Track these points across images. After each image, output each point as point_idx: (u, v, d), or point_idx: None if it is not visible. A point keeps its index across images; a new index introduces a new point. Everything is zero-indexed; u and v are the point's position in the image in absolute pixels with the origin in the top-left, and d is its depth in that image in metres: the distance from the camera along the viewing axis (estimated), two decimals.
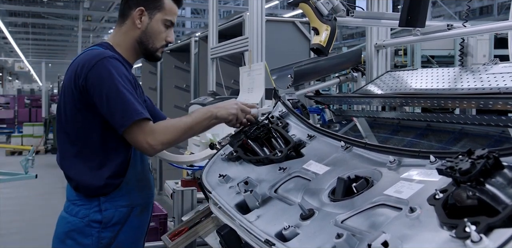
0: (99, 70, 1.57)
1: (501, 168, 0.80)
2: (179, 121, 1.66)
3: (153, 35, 1.73)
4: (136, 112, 1.54)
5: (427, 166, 1.15)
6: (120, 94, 1.55)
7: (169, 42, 1.78)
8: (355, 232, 1.03)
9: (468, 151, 0.85)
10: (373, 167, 1.32)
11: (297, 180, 1.46)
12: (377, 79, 2.23)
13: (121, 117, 1.54)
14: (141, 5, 1.72)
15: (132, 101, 1.55)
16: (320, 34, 1.84)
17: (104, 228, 1.61)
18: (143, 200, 1.74)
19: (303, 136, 1.69)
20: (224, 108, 1.67)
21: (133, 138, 1.55)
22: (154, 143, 1.55)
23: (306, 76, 2.24)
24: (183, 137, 1.64)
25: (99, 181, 1.61)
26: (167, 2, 1.75)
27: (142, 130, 1.54)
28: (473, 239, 0.69)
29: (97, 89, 1.56)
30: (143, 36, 1.73)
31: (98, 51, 1.65)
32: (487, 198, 0.76)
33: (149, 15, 1.72)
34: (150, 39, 1.73)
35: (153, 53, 1.77)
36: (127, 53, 1.75)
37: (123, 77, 1.59)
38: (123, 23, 1.75)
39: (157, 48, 1.76)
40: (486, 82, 1.63)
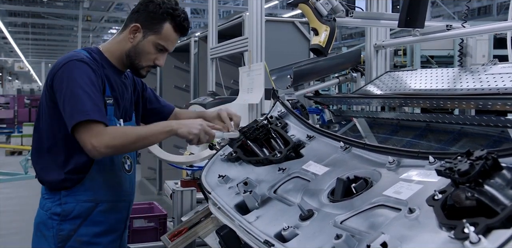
0: (63, 71, 1.61)
1: (500, 169, 0.80)
2: (133, 129, 1.67)
3: (141, 53, 1.74)
4: (84, 113, 1.54)
5: (426, 167, 1.15)
6: (74, 95, 1.57)
7: (157, 65, 1.78)
8: (354, 232, 1.03)
9: (467, 152, 0.85)
10: (372, 168, 1.32)
11: (296, 181, 1.46)
12: (376, 80, 2.24)
13: (69, 117, 1.57)
14: (139, 22, 1.73)
15: (84, 102, 1.56)
16: (319, 34, 1.84)
17: (63, 221, 1.66)
18: (112, 198, 1.75)
19: (303, 136, 1.70)
20: (187, 126, 1.63)
21: (79, 138, 1.57)
22: (97, 145, 1.53)
23: (306, 77, 2.24)
24: (134, 145, 1.62)
25: (58, 176, 1.66)
26: (167, 29, 1.73)
27: (89, 131, 1.55)
28: (471, 240, 0.69)
29: (58, 88, 1.61)
30: (131, 51, 1.74)
31: (71, 53, 1.69)
32: (486, 199, 0.77)
33: (144, 33, 1.73)
34: (137, 56, 1.74)
35: (137, 70, 1.78)
36: (116, 61, 1.77)
37: (84, 79, 1.60)
38: (122, 32, 1.78)
39: (143, 66, 1.77)
40: (485, 82, 1.63)
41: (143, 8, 1.74)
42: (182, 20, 1.74)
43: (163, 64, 1.80)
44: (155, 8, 1.72)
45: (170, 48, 1.78)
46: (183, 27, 1.76)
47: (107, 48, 1.78)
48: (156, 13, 1.71)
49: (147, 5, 1.74)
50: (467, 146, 1.61)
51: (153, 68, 1.83)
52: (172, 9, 1.72)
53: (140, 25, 1.72)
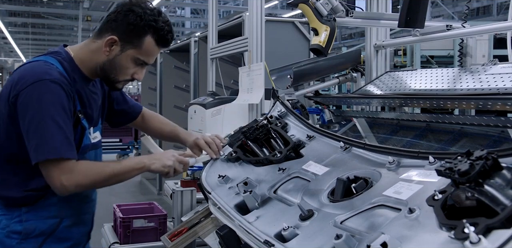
0: (31, 93, 1.44)
1: (500, 169, 0.80)
2: (105, 166, 1.54)
3: (118, 68, 1.58)
4: (54, 150, 1.42)
5: (426, 167, 1.15)
6: (43, 126, 1.42)
7: (136, 79, 1.64)
8: (354, 233, 1.03)
9: (467, 152, 0.85)
10: (373, 168, 1.32)
11: (296, 181, 1.46)
12: (376, 80, 2.24)
13: (34, 150, 1.43)
14: (117, 33, 1.55)
15: (54, 137, 1.42)
16: (319, 34, 1.84)
17: (24, 239, 1.53)
18: (75, 211, 1.64)
19: (302, 136, 1.70)
20: (160, 160, 1.56)
21: (46, 174, 1.44)
22: (68, 184, 1.43)
23: (306, 77, 2.24)
24: (104, 183, 1.52)
25: (18, 193, 1.53)
26: (148, 43, 1.56)
27: (58, 168, 1.43)
28: (471, 240, 0.69)
29: (23, 112, 1.45)
30: (106, 65, 1.58)
31: (41, 67, 1.50)
32: (486, 199, 0.77)
33: (122, 47, 1.56)
34: (113, 70, 1.59)
35: (112, 83, 1.64)
36: (88, 71, 1.61)
37: (56, 107, 1.45)
38: (95, 40, 1.59)
39: (119, 80, 1.62)
40: (485, 82, 1.63)
41: (121, 18, 1.54)
42: (165, 34, 1.57)
43: (142, 78, 1.66)
44: (135, 20, 1.53)
45: (151, 62, 1.63)
46: (166, 41, 1.60)
47: (79, 57, 1.60)
48: (136, 25, 1.53)
49: (126, 15, 1.54)
50: (467, 146, 1.61)
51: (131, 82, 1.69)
52: (154, 22, 1.54)
53: (118, 38, 1.54)
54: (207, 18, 4.06)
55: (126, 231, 2.68)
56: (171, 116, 6.34)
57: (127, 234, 2.68)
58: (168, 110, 6.40)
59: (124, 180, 1.58)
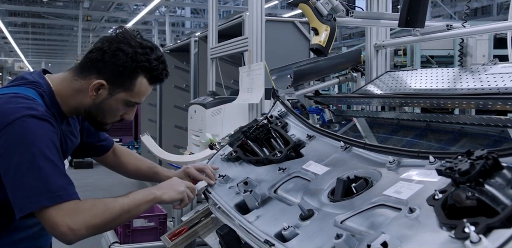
0: (16, 131, 1.23)
1: (500, 169, 0.80)
2: (113, 201, 1.30)
3: (106, 112, 1.43)
4: (52, 194, 1.20)
5: (427, 167, 1.16)
6: (34, 167, 1.21)
7: (126, 119, 1.50)
8: (354, 232, 1.04)
9: (467, 152, 0.85)
10: (373, 168, 1.32)
11: (296, 181, 1.46)
12: (376, 79, 2.24)
13: (25, 197, 1.20)
14: (104, 76, 1.37)
15: (49, 178, 1.22)
16: (319, 34, 1.84)
17: None
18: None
19: (303, 136, 1.70)
20: (171, 188, 1.41)
21: (47, 220, 1.21)
22: (77, 227, 1.20)
23: (306, 76, 2.24)
24: (116, 221, 1.30)
25: None
26: (140, 84, 1.40)
27: (62, 211, 1.20)
28: (472, 240, 0.69)
29: (7, 153, 1.22)
30: (93, 108, 1.42)
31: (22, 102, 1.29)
32: (486, 199, 0.77)
33: (110, 90, 1.39)
34: (101, 113, 1.43)
35: (99, 125, 1.48)
36: (67, 109, 1.43)
37: (47, 143, 1.25)
38: (78, 79, 1.40)
39: (106, 123, 1.47)
40: (485, 82, 1.63)
41: (108, 59, 1.35)
42: (159, 72, 1.42)
43: (132, 117, 1.52)
44: (125, 61, 1.35)
45: (142, 101, 1.47)
46: (161, 79, 1.45)
47: (60, 92, 1.41)
48: (127, 67, 1.36)
49: (114, 55, 1.35)
50: (467, 146, 1.61)
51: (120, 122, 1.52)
52: (147, 61, 1.38)
53: (106, 81, 1.37)
54: (207, 18, 4.06)
55: (126, 230, 2.68)
56: (171, 116, 6.39)
57: (127, 233, 2.68)
58: (168, 110, 6.40)
59: (135, 215, 1.39)
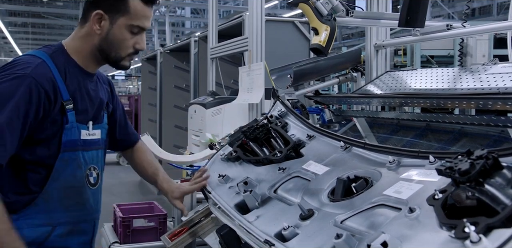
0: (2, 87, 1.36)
1: (500, 169, 0.80)
2: None
3: (115, 43, 1.46)
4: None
5: (427, 166, 1.15)
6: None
7: (139, 49, 1.51)
8: (354, 232, 1.03)
9: (467, 152, 0.85)
10: (373, 167, 1.32)
11: (296, 180, 1.46)
12: (376, 79, 2.23)
13: None
14: (100, 7, 1.43)
15: None
16: (319, 34, 1.84)
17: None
18: (72, 219, 1.50)
19: (303, 136, 1.70)
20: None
21: None
22: None
23: (306, 76, 2.24)
24: None
25: (6, 198, 1.37)
26: (135, 5, 1.43)
27: None
28: (472, 240, 0.69)
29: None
30: (103, 44, 1.46)
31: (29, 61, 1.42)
32: (486, 199, 0.77)
33: (110, 19, 1.44)
34: (112, 47, 1.46)
35: (117, 62, 1.50)
36: (85, 61, 1.51)
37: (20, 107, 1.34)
38: (83, 25, 1.48)
39: (122, 57, 1.49)
40: (485, 82, 1.63)
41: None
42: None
43: (145, 46, 1.53)
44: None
45: (147, 25, 1.48)
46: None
47: (72, 47, 1.50)
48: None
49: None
50: (467, 146, 1.61)
51: (135, 54, 1.54)
52: None
53: (103, 11, 1.43)
54: (207, 18, 4.06)
55: (126, 230, 2.68)
56: (171, 116, 6.40)
57: (127, 233, 2.68)
58: (168, 110, 6.40)
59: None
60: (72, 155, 1.49)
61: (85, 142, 1.52)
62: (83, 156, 1.53)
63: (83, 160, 1.52)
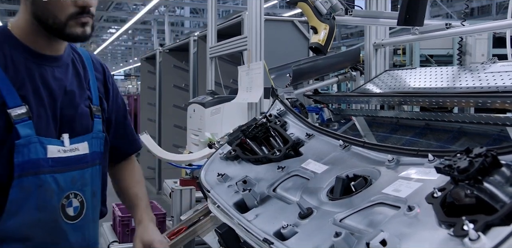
0: None
1: (499, 167, 0.80)
2: None
3: (48, 6, 1.09)
4: None
5: (426, 165, 1.15)
6: None
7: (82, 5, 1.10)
8: (353, 230, 1.03)
9: (466, 150, 0.85)
10: (372, 166, 1.32)
11: (295, 179, 1.46)
12: (375, 78, 2.23)
13: None
14: None
15: None
16: (318, 33, 1.84)
17: None
18: None
19: (302, 134, 1.69)
20: None
21: None
22: None
23: (305, 75, 2.24)
24: None
25: None
26: None
27: None
28: (471, 237, 0.69)
29: None
30: (36, 9, 1.11)
31: None
32: (485, 196, 0.76)
33: None
34: (46, 10, 1.10)
35: (61, 30, 1.10)
36: (29, 37, 1.13)
37: None
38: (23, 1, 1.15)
39: (63, 22, 1.09)
40: (484, 81, 1.63)
41: None
42: None
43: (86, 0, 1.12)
44: None
45: None
46: None
47: (16, 24, 1.16)
48: None
49: None
50: (466, 144, 1.61)
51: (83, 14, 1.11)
52: None
53: None
54: (207, 17, 4.05)
55: (125, 230, 2.68)
56: (171, 116, 6.39)
57: (126, 232, 2.68)
58: (167, 109, 6.40)
59: None
60: (34, 180, 1.09)
61: (58, 161, 1.13)
62: (56, 181, 1.12)
63: (55, 186, 1.12)
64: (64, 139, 1.15)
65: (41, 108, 1.10)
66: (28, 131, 1.07)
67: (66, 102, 1.16)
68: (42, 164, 1.10)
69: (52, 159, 1.12)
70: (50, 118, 1.13)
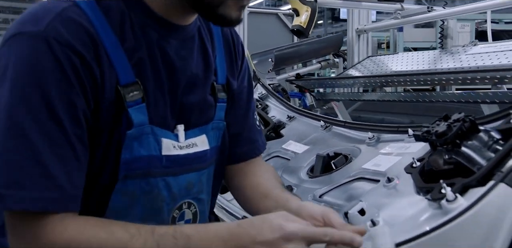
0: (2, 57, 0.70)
1: (477, 132, 0.78)
2: None
3: None
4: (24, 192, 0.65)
5: (406, 140, 1.15)
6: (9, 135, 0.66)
7: None
8: (333, 205, 1.02)
9: (444, 116, 0.84)
10: (352, 144, 1.31)
11: (276, 160, 1.45)
12: (358, 64, 2.22)
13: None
14: None
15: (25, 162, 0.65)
16: (300, 15, 1.82)
17: None
18: None
19: (283, 117, 1.68)
20: None
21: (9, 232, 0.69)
22: None
23: (287, 60, 2.22)
24: None
25: None
26: None
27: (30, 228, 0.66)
28: (448, 198, 0.67)
29: None
30: None
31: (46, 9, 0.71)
32: (463, 160, 0.75)
33: None
34: None
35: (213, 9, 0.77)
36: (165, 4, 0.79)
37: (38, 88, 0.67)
38: None
39: None
40: (465, 62, 1.63)
41: None
42: None
43: None
44: None
45: None
46: None
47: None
48: None
49: None
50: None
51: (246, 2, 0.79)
52: None
53: None
54: None
55: None
56: None
57: None
58: None
59: None
60: (142, 184, 0.80)
61: (173, 161, 0.82)
62: (168, 186, 0.83)
63: (166, 193, 0.82)
64: (179, 132, 0.83)
65: (158, 91, 0.79)
66: (141, 118, 0.76)
67: (188, 87, 0.84)
68: (154, 164, 0.79)
69: (167, 157, 0.81)
70: (168, 105, 0.81)
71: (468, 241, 0.59)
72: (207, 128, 0.88)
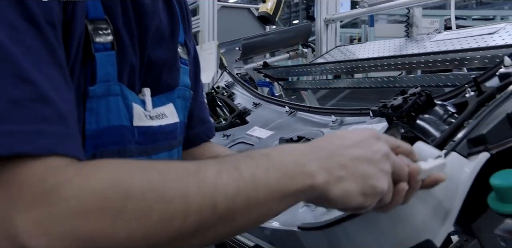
0: None
1: (433, 106, 0.78)
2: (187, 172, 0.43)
3: None
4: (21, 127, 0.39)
5: (368, 122, 1.15)
6: None
7: None
8: None
9: (401, 91, 0.83)
10: (316, 128, 1.30)
11: (240, 146, 1.42)
12: (326, 54, 2.22)
13: None
14: None
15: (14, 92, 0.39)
16: (266, 2, 1.80)
17: None
18: None
19: (249, 104, 1.66)
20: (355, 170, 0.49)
21: None
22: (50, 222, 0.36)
23: (255, 49, 2.19)
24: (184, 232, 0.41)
25: None
26: None
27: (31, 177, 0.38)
28: None
29: None
30: None
31: None
32: (418, 132, 0.74)
33: None
34: None
35: None
36: None
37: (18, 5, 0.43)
38: None
39: None
40: (429, 48, 1.64)
41: None
42: None
43: None
44: None
45: None
46: None
47: None
48: None
49: None
50: None
51: None
52: None
53: None
54: None
55: None
56: None
57: None
58: None
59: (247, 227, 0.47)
60: None
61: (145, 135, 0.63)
62: None
63: None
64: (146, 97, 0.63)
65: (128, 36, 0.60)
66: (109, 70, 0.56)
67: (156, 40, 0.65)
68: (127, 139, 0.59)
69: (138, 129, 0.61)
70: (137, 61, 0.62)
71: (425, 207, 0.58)
72: (172, 95, 0.69)
